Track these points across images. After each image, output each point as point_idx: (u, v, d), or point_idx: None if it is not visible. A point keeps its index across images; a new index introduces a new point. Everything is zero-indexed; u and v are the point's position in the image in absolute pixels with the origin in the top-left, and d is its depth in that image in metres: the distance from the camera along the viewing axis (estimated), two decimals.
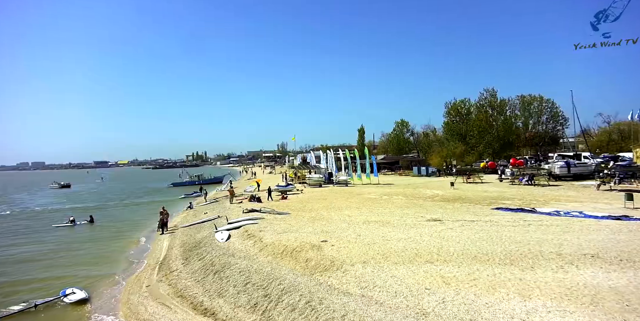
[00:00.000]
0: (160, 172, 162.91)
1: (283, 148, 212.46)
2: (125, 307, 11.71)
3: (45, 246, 21.71)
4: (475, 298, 7.77)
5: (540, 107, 60.15)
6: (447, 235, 13.30)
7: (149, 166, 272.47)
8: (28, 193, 65.86)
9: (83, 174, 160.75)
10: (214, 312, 9.88)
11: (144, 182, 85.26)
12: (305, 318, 8.35)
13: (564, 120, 61.64)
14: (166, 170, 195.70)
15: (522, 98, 60.06)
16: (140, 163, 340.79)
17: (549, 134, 62.58)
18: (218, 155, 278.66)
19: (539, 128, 62.17)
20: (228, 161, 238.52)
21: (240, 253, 13.86)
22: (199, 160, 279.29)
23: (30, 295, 13.19)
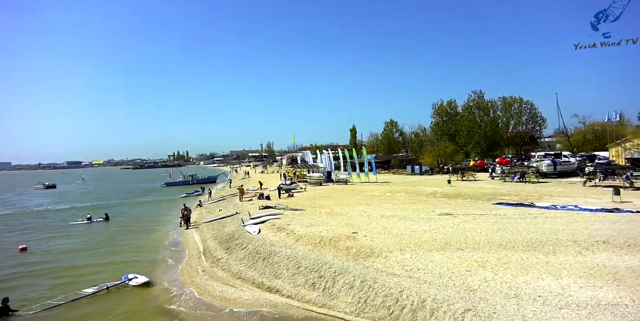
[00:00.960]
0: (142, 173, 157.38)
1: (269, 147, 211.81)
2: (193, 287, 12.69)
3: (78, 239, 22.52)
4: (513, 278, 8.87)
5: (521, 108, 62.56)
6: (466, 227, 14.44)
7: (128, 166, 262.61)
8: (15, 193, 64.12)
9: (58, 175, 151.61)
10: (278, 290, 10.96)
11: (131, 183, 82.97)
12: (365, 294, 9.35)
13: (542, 121, 64.61)
14: (147, 170, 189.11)
15: (503, 99, 62.38)
16: (116, 163, 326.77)
17: (529, 134, 65.35)
18: (200, 155, 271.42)
19: (519, 128, 64.74)
20: (212, 161, 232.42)
21: (279, 243, 14.74)
22: (181, 160, 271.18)
23: (90, 281, 14.06)
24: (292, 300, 10.35)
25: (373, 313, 8.70)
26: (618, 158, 41.08)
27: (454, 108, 58.55)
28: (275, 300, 10.59)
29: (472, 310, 7.62)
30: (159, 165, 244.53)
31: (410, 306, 8.38)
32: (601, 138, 64.93)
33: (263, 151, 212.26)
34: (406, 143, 76.30)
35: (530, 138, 67.36)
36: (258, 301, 10.70)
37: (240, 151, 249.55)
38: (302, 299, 10.25)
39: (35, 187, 73.29)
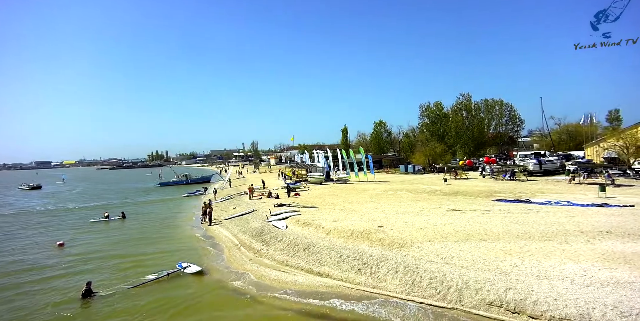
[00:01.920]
0: (121, 173, 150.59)
1: (254, 147, 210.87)
2: (248, 272, 13.79)
3: (109, 234, 23.78)
4: (539, 263, 10.17)
5: (501, 110, 65.21)
6: (480, 220, 15.78)
7: (104, 166, 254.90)
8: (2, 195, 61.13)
9: (31, 176, 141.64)
10: (328, 274, 12.13)
11: (120, 183, 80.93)
12: (411, 277, 10.53)
13: (521, 122, 67.57)
14: (126, 170, 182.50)
15: (485, 101, 64.84)
16: (89, 163, 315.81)
17: (508, 134, 68.21)
18: (181, 155, 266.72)
19: (499, 129, 67.44)
20: (194, 161, 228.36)
21: (312, 237, 15.85)
22: (160, 159, 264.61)
23: (145, 269, 15.21)
24: (344, 283, 11.54)
25: (422, 292, 9.88)
26: (595, 157, 43.70)
27: (441, 110, 60.63)
28: (328, 282, 11.78)
29: (513, 289, 8.86)
30: (138, 165, 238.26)
31: (455, 286, 9.59)
32: (575, 138, 68.58)
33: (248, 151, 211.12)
34: (394, 143, 78.16)
35: (509, 139, 70.32)
36: (313, 283, 11.92)
37: (221, 151, 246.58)
38: (352, 281, 11.43)
39: (19, 187, 71.09)
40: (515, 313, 8.29)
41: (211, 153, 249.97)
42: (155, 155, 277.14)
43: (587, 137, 62.91)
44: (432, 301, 9.47)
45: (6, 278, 15.11)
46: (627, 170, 32.38)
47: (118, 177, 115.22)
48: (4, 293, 13.22)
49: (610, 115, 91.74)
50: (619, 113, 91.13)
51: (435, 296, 9.58)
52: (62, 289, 13.39)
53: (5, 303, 12.34)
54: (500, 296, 8.75)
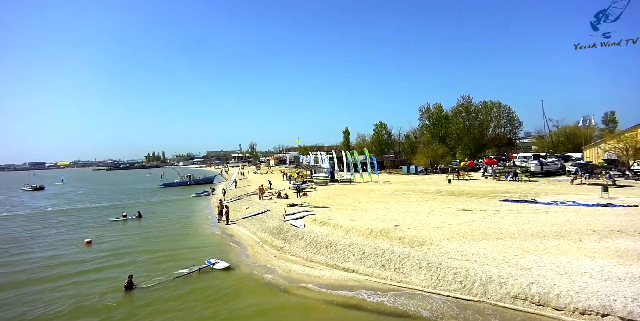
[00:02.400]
0: (119, 174, 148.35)
1: (252, 148, 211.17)
2: (276, 267, 14.38)
3: (131, 233, 24.27)
4: (556, 260, 10.72)
5: (500, 112, 66.05)
6: (493, 220, 16.33)
7: (100, 167, 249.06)
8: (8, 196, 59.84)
9: (27, 177, 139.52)
10: (354, 270, 12.72)
11: (122, 184, 79.63)
12: (435, 273, 11.06)
13: (519, 124, 68.48)
14: (123, 171, 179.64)
15: (484, 103, 65.69)
16: (84, 164, 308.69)
17: (507, 136, 69.11)
18: (177, 156, 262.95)
19: (498, 130, 68.29)
20: (191, 162, 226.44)
21: (331, 235, 16.40)
22: (156, 160, 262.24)
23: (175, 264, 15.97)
24: (371, 277, 12.11)
25: (447, 287, 10.41)
26: (594, 159, 44.49)
27: (442, 112, 61.40)
28: (355, 277, 12.37)
29: (535, 283, 9.41)
30: (135, 166, 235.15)
31: (480, 281, 10.13)
32: (572, 140, 69.59)
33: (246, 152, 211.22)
34: (394, 145, 78.91)
35: (508, 140, 71.26)
36: (340, 278, 12.50)
37: (218, 152, 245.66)
38: (378, 276, 11.98)
39: (22, 189, 71.01)
40: (540, 306, 8.83)
41: (208, 154, 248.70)
42: (151, 156, 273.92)
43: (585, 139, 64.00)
44: (459, 295, 10.00)
45: (50, 270, 16.22)
46: (626, 171, 33.08)
47: (117, 178, 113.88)
48: (55, 283, 14.29)
49: (606, 117, 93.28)
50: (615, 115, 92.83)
51: (461, 290, 10.11)
52: (105, 280, 14.33)
53: (60, 291, 13.45)
54: (525, 290, 9.29)
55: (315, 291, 11.79)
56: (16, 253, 19.61)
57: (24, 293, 13.35)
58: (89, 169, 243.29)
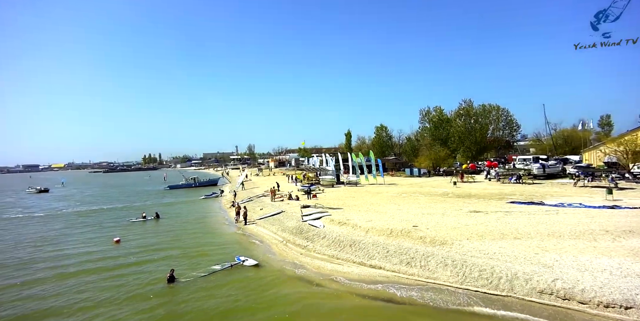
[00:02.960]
0: (118, 176, 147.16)
1: (250, 150, 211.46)
2: (304, 264, 15.11)
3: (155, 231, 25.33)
4: (576, 258, 11.34)
5: (498, 115, 66.93)
6: (507, 221, 16.96)
7: (95, 169, 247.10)
8: (16, 198, 60.22)
9: (24, 179, 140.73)
10: (380, 267, 13.36)
11: (125, 186, 79.20)
12: (461, 270, 11.64)
13: (517, 127, 69.40)
14: (121, 174, 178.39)
15: (483, 106, 66.58)
16: (78, 166, 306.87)
17: (505, 139, 70.05)
18: (174, 158, 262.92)
19: (497, 133, 69.17)
20: (189, 164, 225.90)
21: (352, 234, 17.00)
22: (153, 162, 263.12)
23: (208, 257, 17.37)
24: (398, 274, 12.75)
25: (475, 283, 11.01)
26: (594, 162, 45.34)
27: (443, 116, 62.25)
28: (383, 273, 13.02)
29: (560, 279, 10.01)
30: (132, 168, 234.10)
31: (505, 277, 10.73)
32: (570, 143, 70.70)
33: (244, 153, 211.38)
34: (394, 147, 79.55)
35: (506, 143, 72.19)
36: (369, 274, 13.16)
37: (214, 153, 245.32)
38: (406, 273, 12.60)
39: (27, 191, 71.02)
40: (565, 300, 9.44)
41: (204, 156, 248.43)
42: (148, 159, 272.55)
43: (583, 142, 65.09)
44: (486, 290, 10.59)
45: (91, 264, 17.47)
46: (625, 174, 33.87)
47: (117, 180, 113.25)
48: (100, 275, 15.56)
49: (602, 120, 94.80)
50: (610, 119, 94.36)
51: (488, 286, 10.71)
52: (145, 273, 15.49)
53: (107, 282, 14.68)
54: (550, 286, 9.89)
55: (347, 285, 12.54)
56: (53, 250, 20.64)
57: (75, 283, 14.58)
58: (85, 171, 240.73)
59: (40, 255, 19.65)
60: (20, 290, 14.18)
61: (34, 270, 16.90)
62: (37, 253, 20.10)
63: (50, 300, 12.97)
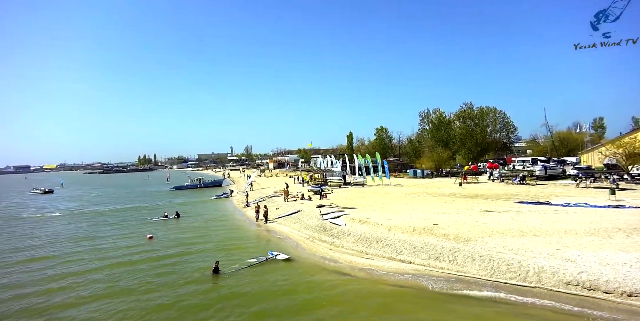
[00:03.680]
0: (115, 177, 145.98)
1: (248, 151, 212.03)
2: (336, 258, 15.92)
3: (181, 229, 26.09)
4: (596, 253, 12.14)
5: (495, 117, 68.09)
6: (522, 219, 17.76)
7: (92, 170, 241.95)
8: (23, 198, 60.55)
9: (19, 180, 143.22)
10: (410, 261, 14.14)
11: (129, 187, 79.48)
12: (489, 264, 12.43)
13: (514, 129, 70.63)
14: (117, 175, 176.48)
15: (480, 109, 67.71)
16: (71, 167, 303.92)
17: (502, 140, 71.29)
18: (169, 159, 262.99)
19: (494, 135, 70.33)
20: (185, 165, 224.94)
21: (375, 232, 17.76)
22: (148, 163, 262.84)
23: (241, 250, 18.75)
24: (428, 267, 13.52)
25: (504, 275, 11.79)
26: (592, 163, 46.53)
27: (444, 118, 63.34)
28: (414, 267, 13.80)
29: (585, 272, 10.81)
30: (128, 169, 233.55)
31: (533, 270, 11.52)
32: (566, 145, 72.17)
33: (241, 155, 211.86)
34: (394, 148, 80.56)
35: (503, 144, 73.47)
36: (400, 267, 13.95)
37: (209, 154, 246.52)
38: (436, 267, 13.38)
39: (32, 192, 70.92)
40: (591, 290, 10.24)
41: (199, 157, 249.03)
42: (143, 159, 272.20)
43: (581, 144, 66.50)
44: (515, 282, 11.37)
45: (137, 255, 18.83)
46: (624, 175, 34.94)
47: (116, 181, 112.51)
48: (152, 263, 17.09)
49: (595, 122, 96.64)
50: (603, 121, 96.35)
51: (516, 278, 11.49)
52: (191, 262, 16.98)
53: (163, 268, 16.25)
54: (576, 278, 10.68)
55: (381, 275, 13.47)
56: (93, 245, 21.88)
57: (132, 270, 16.17)
58: (79, 172, 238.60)
59: (84, 249, 20.87)
60: (87, 276, 15.73)
61: (87, 261, 18.32)
62: (79, 248, 21.23)
63: (121, 282, 14.61)
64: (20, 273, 16.73)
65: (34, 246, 22.11)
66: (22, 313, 12.04)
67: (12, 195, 67.65)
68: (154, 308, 11.86)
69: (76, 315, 11.63)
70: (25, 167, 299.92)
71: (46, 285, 14.72)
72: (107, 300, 12.71)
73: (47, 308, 12.33)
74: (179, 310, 11.68)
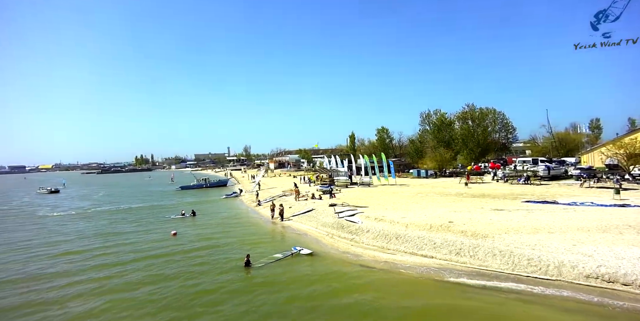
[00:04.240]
0: (114, 177, 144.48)
1: (247, 151, 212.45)
2: (359, 253, 16.60)
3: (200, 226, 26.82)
4: (610, 249, 12.77)
5: (494, 118, 68.90)
6: (534, 217, 18.40)
7: (89, 171, 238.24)
8: (32, 197, 60.77)
9: (19, 180, 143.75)
10: (432, 256, 14.78)
11: (133, 187, 79.24)
12: (509, 259, 13.04)
13: (513, 129, 71.48)
14: (116, 175, 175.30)
15: (480, 110, 68.45)
16: (66, 167, 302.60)
17: (501, 141, 72.13)
18: (166, 159, 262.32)
19: (493, 136, 71.13)
20: (184, 165, 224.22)
21: (393, 229, 18.37)
22: (145, 163, 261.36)
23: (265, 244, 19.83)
24: (450, 262, 14.12)
25: (525, 269, 12.42)
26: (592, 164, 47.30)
27: (445, 119, 64.17)
28: (436, 261, 14.40)
29: (603, 265, 11.44)
30: (126, 169, 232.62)
31: (553, 264, 12.14)
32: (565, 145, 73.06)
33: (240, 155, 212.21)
34: (395, 149, 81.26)
35: (502, 145, 74.32)
36: (423, 261, 14.58)
37: (206, 154, 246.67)
38: (458, 261, 13.98)
39: (37, 192, 70.93)
40: (610, 282, 10.86)
41: (196, 157, 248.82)
42: (140, 159, 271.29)
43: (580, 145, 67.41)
44: (537, 275, 11.99)
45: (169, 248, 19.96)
46: (625, 175, 35.71)
47: (117, 181, 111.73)
48: (185, 255, 18.19)
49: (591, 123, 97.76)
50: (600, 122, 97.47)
51: (538, 272, 12.11)
52: (221, 253, 18.16)
53: (197, 259, 17.33)
54: (595, 271, 11.31)
55: (405, 269, 14.11)
56: (121, 240, 22.81)
57: (168, 261, 17.32)
58: (76, 172, 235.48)
59: (114, 244, 21.87)
60: (127, 266, 16.90)
61: (122, 253, 19.40)
62: (109, 243, 22.17)
63: (162, 271, 15.78)
64: (64, 263, 17.81)
65: (66, 241, 23.06)
66: (82, 295, 13.35)
67: (20, 195, 67.75)
68: (201, 292, 13.04)
69: (135, 296, 12.98)
70: (20, 167, 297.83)
71: (95, 273, 15.91)
72: (158, 285, 13.92)
73: (104, 292, 13.57)
74: (223, 294, 12.78)
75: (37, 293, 13.81)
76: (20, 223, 31.87)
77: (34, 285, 14.72)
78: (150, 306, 11.95)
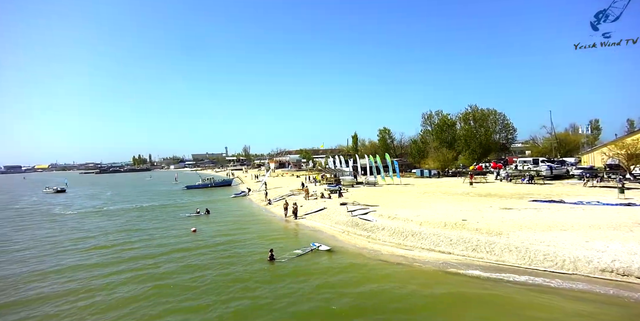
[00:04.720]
0: (114, 177, 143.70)
1: (246, 151, 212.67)
2: (376, 249, 17.16)
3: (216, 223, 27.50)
4: (623, 245, 13.32)
5: (495, 119, 69.60)
6: (544, 215, 18.95)
7: (87, 171, 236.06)
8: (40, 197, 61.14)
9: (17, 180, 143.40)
10: (449, 252, 15.30)
11: (138, 187, 78.90)
12: (525, 254, 13.59)
13: (513, 130, 72.21)
14: (115, 175, 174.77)
15: (481, 111, 69.13)
16: (63, 167, 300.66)
17: (501, 142, 72.85)
18: (164, 159, 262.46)
19: (494, 136, 71.82)
20: (182, 165, 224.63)
21: (407, 226, 18.93)
22: (143, 163, 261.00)
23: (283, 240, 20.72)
24: (468, 258, 14.65)
25: (541, 264, 12.97)
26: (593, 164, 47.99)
27: (449, 120, 64.83)
28: (454, 257, 14.94)
29: (617, 260, 12.00)
30: (125, 169, 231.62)
31: (569, 259, 12.70)
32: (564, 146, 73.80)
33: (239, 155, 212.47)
34: (396, 149, 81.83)
35: (502, 145, 75.05)
36: (441, 257, 15.11)
37: (203, 154, 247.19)
38: (475, 257, 14.53)
39: (44, 191, 70.85)
40: (624, 276, 11.43)
41: (194, 157, 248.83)
42: (138, 159, 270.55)
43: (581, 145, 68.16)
44: (554, 269, 12.54)
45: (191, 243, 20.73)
46: (626, 175, 36.35)
47: (119, 181, 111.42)
48: (210, 249, 19.12)
49: (590, 124, 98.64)
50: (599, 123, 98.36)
51: (554, 267, 12.66)
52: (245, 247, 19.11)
53: (223, 252, 18.26)
54: (609, 265, 11.87)
55: (424, 263, 14.68)
56: (145, 236, 23.59)
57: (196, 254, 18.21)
58: (74, 172, 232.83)
59: (138, 239, 22.57)
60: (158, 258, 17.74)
61: (149, 247, 20.21)
62: (133, 238, 22.88)
63: (194, 262, 16.72)
64: (97, 256, 18.63)
65: (91, 237, 23.76)
66: (126, 283, 14.34)
67: (28, 194, 67.92)
68: (236, 279, 14.09)
69: (177, 282, 14.03)
70: (16, 167, 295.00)
71: (131, 264, 16.82)
72: (195, 273, 14.94)
73: (146, 280, 14.52)
74: (256, 282, 13.71)
75: (79, 281, 14.70)
76: (39, 221, 32.32)
77: (73, 275, 15.57)
78: (193, 291, 12.96)
